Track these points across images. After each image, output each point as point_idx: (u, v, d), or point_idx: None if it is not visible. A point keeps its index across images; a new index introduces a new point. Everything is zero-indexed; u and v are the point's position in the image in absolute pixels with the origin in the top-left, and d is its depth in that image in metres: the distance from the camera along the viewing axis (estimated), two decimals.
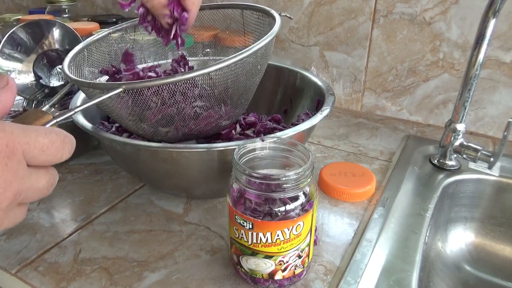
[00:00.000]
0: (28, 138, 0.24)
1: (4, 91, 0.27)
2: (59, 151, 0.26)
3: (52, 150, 0.26)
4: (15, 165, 0.23)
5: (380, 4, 0.73)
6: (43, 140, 0.25)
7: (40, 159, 0.25)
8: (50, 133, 0.26)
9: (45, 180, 0.26)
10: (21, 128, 0.24)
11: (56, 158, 0.26)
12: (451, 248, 0.60)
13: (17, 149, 0.23)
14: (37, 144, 0.25)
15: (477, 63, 0.53)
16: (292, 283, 0.40)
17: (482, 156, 0.56)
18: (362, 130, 0.75)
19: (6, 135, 0.23)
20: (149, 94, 0.44)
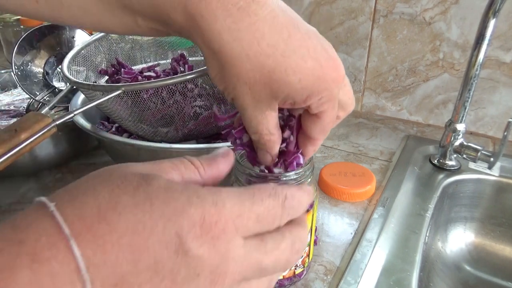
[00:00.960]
0: (241, 209, 0.20)
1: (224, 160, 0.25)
2: (276, 218, 0.22)
3: (269, 219, 0.22)
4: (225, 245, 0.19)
5: (380, 4, 0.73)
6: (258, 209, 0.21)
7: (256, 229, 0.21)
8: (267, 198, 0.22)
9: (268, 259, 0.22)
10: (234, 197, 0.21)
11: (272, 226, 0.22)
12: (451, 248, 0.60)
13: (228, 226, 0.20)
14: (251, 215, 0.21)
15: (477, 63, 0.53)
16: (293, 283, 0.40)
17: (482, 156, 0.56)
18: (362, 130, 0.75)
19: (217, 211, 0.20)
20: (149, 95, 0.44)
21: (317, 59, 0.24)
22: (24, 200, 0.55)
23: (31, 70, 0.66)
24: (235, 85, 0.24)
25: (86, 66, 0.56)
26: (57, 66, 0.69)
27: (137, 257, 0.17)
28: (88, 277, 0.16)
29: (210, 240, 0.19)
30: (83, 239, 0.17)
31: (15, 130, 0.30)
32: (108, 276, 0.17)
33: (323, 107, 0.26)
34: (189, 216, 0.19)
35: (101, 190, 0.19)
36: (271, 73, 0.23)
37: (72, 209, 0.18)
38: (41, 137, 0.31)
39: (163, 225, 0.18)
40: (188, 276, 0.19)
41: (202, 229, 0.19)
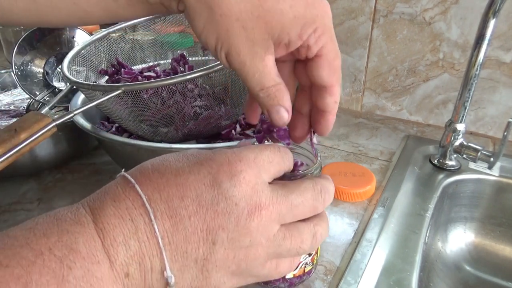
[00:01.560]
0: (254, 153, 0.25)
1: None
2: (281, 160, 0.26)
3: (278, 160, 0.26)
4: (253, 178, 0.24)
5: (380, 4, 0.73)
6: (267, 152, 0.26)
7: (271, 170, 0.26)
8: (267, 147, 0.26)
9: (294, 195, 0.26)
10: (246, 148, 0.25)
11: (282, 167, 0.27)
12: (451, 248, 0.60)
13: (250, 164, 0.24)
14: (264, 156, 0.25)
15: (477, 63, 0.53)
16: (302, 281, 0.40)
17: (482, 156, 0.56)
18: (362, 130, 0.75)
19: (237, 154, 0.25)
20: (149, 95, 0.44)
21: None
22: (24, 200, 0.55)
23: (31, 70, 0.66)
24: (227, 26, 0.23)
25: (86, 66, 0.56)
26: (57, 66, 0.69)
27: (182, 193, 0.23)
28: (150, 209, 0.22)
29: (238, 173, 0.23)
30: (144, 184, 0.23)
31: (15, 130, 0.30)
32: (165, 209, 0.22)
33: (321, 41, 0.25)
34: (216, 160, 0.24)
35: (154, 159, 0.25)
36: (261, 2, 0.23)
37: (135, 170, 0.25)
38: (41, 137, 0.31)
39: (197, 168, 0.23)
40: (227, 206, 0.23)
41: (229, 166, 0.23)
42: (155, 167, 0.24)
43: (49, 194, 0.56)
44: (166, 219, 0.22)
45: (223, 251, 0.23)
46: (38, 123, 0.31)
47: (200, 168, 0.23)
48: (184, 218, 0.22)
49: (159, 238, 0.22)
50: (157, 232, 0.22)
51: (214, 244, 0.23)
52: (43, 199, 0.55)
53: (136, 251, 0.21)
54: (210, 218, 0.22)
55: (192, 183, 0.23)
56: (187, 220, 0.22)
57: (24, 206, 0.53)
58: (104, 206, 0.22)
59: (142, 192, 0.22)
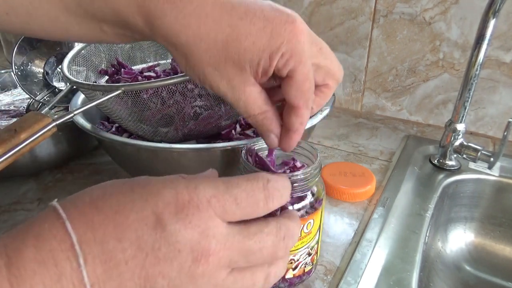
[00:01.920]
0: (214, 190, 0.22)
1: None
2: (260, 200, 0.23)
3: (250, 201, 0.23)
4: (203, 223, 0.21)
5: (380, 4, 0.73)
6: (234, 191, 0.23)
7: (237, 213, 0.23)
8: (243, 182, 0.23)
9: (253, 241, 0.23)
10: (207, 181, 0.23)
11: (258, 209, 0.24)
12: (451, 248, 0.60)
13: (203, 204, 0.22)
14: (227, 197, 0.22)
15: (477, 63, 0.53)
16: (302, 281, 0.40)
17: (482, 156, 0.56)
18: (362, 130, 0.75)
19: (189, 192, 0.22)
20: (149, 95, 0.44)
21: (266, 18, 0.24)
22: (24, 200, 0.55)
23: (31, 70, 0.66)
24: (203, 71, 0.25)
25: (86, 66, 0.56)
26: (57, 66, 0.68)
27: (120, 234, 0.20)
28: (81, 252, 0.19)
29: (185, 216, 0.21)
30: (76, 220, 0.20)
31: (14, 130, 0.30)
32: (98, 253, 0.19)
33: (289, 64, 0.25)
34: (163, 197, 0.21)
35: (96, 189, 0.22)
36: (225, 46, 0.24)
37: (70, 202, 0.21)
38: (41, 137, 0.31)
39: (141, 205, 0.21)
40: (169, 252, 0.20)
41: (176, 206, 0.21)
42: (93, 200, 0.21)
43: (49, 194, 0.56)
44: (98, 264, 0.19)
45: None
46: (38, 123, 0.31)
47: (144, 205, 0.21)
48: (120, 263, 0.19)
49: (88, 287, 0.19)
50: (85, 279, 0.19)
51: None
52: (43, 199, 0.55)
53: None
54: (150, 264, 0.20)
55: (133, 222, 0.20)
56: (123, 265, 0.20)
57: (24, 206, 0.53)
58: (23, 246, 0.19)
59: (72, 231, 0.19)
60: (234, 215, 0.23)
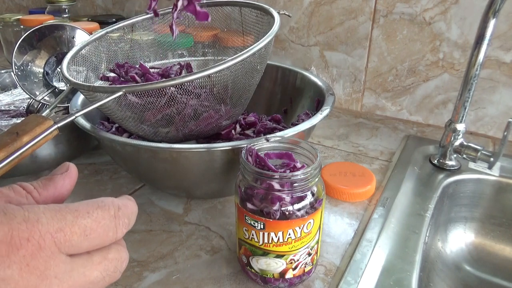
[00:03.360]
0: (61, 223, 0.19)
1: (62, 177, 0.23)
2: (110, 229, 0.21)
3: (100, 231, 0.20)
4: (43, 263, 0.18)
5: (380, 4, 0.73)
6: (84, 222, 0.20)
7: (84, 246, 0.20)
8: (94, 210, 0.20)
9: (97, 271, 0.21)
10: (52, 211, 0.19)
11: (107, 239, 0.21)
12: (451, 248, 0.60)
13: (46, 242, 0.18)
14: (76, 229, 0.19)
15: (477, 63, 0.53)
16: (302, 281, 0.40)
17: (482, 156, 0.56)
18: (362, 130, 0.75)
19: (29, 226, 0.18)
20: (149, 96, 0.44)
21: None
22: None
23: (31, 70, 0.66)
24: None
25: (86, 66, 0.56)
26: (57, 66, 0.68)
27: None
28: None
29: (21, 259, 0.18)
30: None
31: (16, 133, 0.30)
32: None
33: None
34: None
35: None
36: None
37: None
38: (43, 139, 0.31)
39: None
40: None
41: (9, 246, 0.17)
42: None
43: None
44: None
45: None
46: (40, 126, 0.31)
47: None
48: None
49: None
50: None
51: None
52: None
53: None
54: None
55: None
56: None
57: None
58: None
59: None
60: (80, 248, 0.20)
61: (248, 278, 0.41)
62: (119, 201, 0.22)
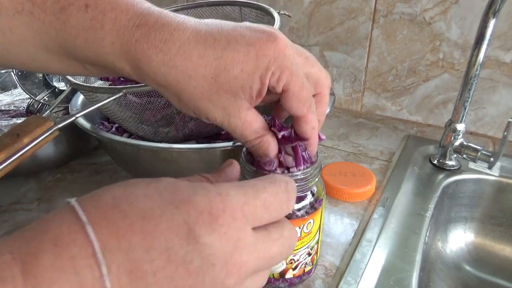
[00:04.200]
0: (246, 197, 0.21)
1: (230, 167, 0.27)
2: (283, 202, 0.23)
3: (276, 205, 0.22)
4: (236, 233, 0.20)
5: (380, 4, 0.73)
6: (264, 196, 0.22)
7: (265, 218, 0.22)
8: (269, 185, 0.22)
9: (276, 247, 0.22)
10: (236, 187, 0.21)
11: (282, 212, 0.23)
12: (451, 248, 0.60)
13: (237, 213, 0.20)
14: (258, 202, 0.21)
15: (477, 63, 0.53)
16: (302, 281, 0.40)
17: (482, 156, 0.56)
18: (362, 130, 0.75)
19: (223, 199, 0.20)
20: (150, 96, 0.44)
21: (248, 42, 0.25)
22: (24, 200, 0.55)
23: None
24: (197, 105, 0.26)
25: None
26: None
27: (149, 243, 0.18)
28: (103, 260, 0.17)
29: (220, 227, 0.19)
30: (98, 225, 0.18)
31: (17, 134, 0.30)
32: (123, 262, 0.18)
33: (282, 80, 0.26)
34: (195, 205, 0.19)
35: (116, 188, 0.20)
36: (215, 78, 0.25)
37: (90, 202, 0.19)
38: (44, 140, 0.31)
39: (171, 213, 0.19)
40: (202, 265, 0.19)
41: (210, 216, 0.19)
42: (117, 202, 0.19)
43: (49, 194, 0.56)
44: (123, 273, 0.17)
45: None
46: (40, 127, 0.31)
47: (175, 213, 0.19)
48: (147, 274, 0.18)
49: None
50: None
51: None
52: (43, 199, 0.55)
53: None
54: (179, 277, 0.18)
55: (162, 232, 0.19)
56: (151, 277, 0.18)
57: (24, 206, 0.53)
58: (40, 252, 0.17)
59: (94, 237, 0.17)
60: (262, 220, 0.22)
61: None
62: (284, 177, 0.24)
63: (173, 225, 0.19)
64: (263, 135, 0.28)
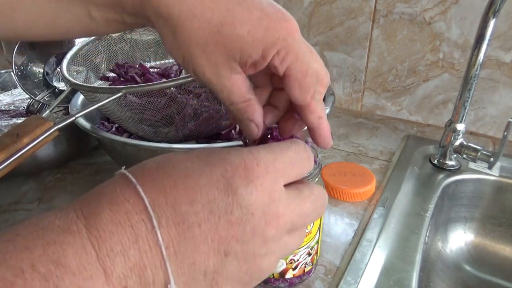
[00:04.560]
0: (274, 154, 0.22)
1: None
2: (305, 160, 0.24)
3: (300, 161, 0.24)
4: (270, 186, 0.21)
5: (380, 4, 0.73)
6: (288, 153, 0.23)
7: (293, 174, 0.23)
8: (291, 145, 0.24)
9: (308, 203, 0.24)
10: (263, 147, 0.23)
11: (305, 169, 0.24)
12: (451, 248, 0.60)
13: (269, 168, 0.22)
14: (285, 159, 0.23)
15: (477, 63, 0.53)
16: (302, 281, 0.40)
17: (482, 156, 0.56)
18: (362, 130, 0.75)
19: (255, 156, 0.22)
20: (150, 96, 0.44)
21: (263, 10, 0.24)
22: (24, 200, 0.55)
23: (31, 70, 0.66)
24: (189, 49, 0.25)
25: (86, 66, 0.56)
26: (57, 66, 0.68)
27: (192, 197, 0.20)
28: (153, 214, 0.19)
29: (255, 179, 0.21)
30: (147, 185, 0.20)
31: (17, 134, 0.30)
32: (171, 215, 0.20)
33: (286, 61, 0.25)
34: (231, 161, 0.21)
35: (158, 157, 0.23)
36: (219, 28, 0.24)
37: (137, 168, 0.22)
38: (43, 141, 0.31)
39: (209, 170, 0.21)
40: (242, 215, 0.21)
41: (245, 170, 0.21)
42: (160, 166, 0.21)
43: (49, 194, 0.56)
44: (172, 226, 0.20)
45: (236, 263, 0.21)
46: (40, 128, 0.31)
47: (213, 170, 0.21)
48: (193, 225, 0.20)
49: (163, 248, 0.19)
50: (160, 241, 0.19)
51: (227, 255, 0.21)
52: (43, 199, 0.55)
53: (136, 262, 0.19)
54: (223, 228, 0.20)
55: (203, 186, 0.20)
56: (197, 228, 0.20)
57: (24, 206, 0.53)
58: (99, 209, 0.19)
59: (144, 195, 0.20)
60: (290, 177, 0.23)
61: None
62: (298, 140, 0.26)
63: (212, 180, 0.21)
64: (249, 99, 0.27)
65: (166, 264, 0.19)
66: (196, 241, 0.20)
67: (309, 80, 0.26)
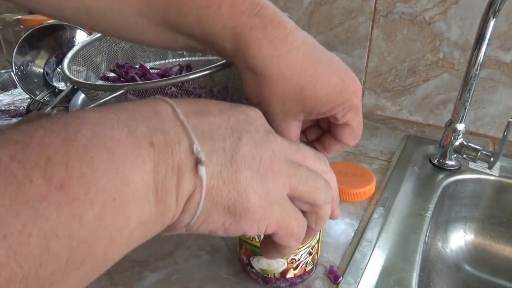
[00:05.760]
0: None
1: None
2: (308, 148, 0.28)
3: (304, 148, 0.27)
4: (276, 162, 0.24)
5: (380, 4, 0.73)
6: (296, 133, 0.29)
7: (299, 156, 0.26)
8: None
9: (322, 180, 0.26)
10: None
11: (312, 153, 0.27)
12: (451, 248, 0.60)
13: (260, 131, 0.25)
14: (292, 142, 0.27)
15: (477, 63, 0.53)
16: (303, 280, 0.40)
17: (482, 156, 0.56)
18: (362, 130, 0.75)
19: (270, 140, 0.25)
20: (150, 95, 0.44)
21: (339, 76, 0.28)
22: None
23: (31, 70, 0.66)
24: (271, 101, 0.28)
25: (86, 66, 0.56)
26: (57, 66, 0.69)
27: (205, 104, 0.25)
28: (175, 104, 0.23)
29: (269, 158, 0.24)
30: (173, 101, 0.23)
31: None
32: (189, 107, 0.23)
33: (347, 116, 0.30)
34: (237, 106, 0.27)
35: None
36: (302, 91, 0.27)
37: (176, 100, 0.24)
38: None
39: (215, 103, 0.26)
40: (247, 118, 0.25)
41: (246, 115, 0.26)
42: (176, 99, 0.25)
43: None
44: (190, 112, 0.23)
45: (249, 149, 0.23)
46: None
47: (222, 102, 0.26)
48: (209, 115, 0.23)
49: (185, 122, 0.22)
50: (181, 117, 0.22)
51: (240, 139, 0.23)
52: None
53: (159, 126, 0.21)
54: (233, 122, 0.24)
55: (213, 102, 0.25)
56: (212, 118, 0.23)
57: None
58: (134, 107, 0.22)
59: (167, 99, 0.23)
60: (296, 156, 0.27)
61: (248, 278, 0.41)
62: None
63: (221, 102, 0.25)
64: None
65: (189, 131, 0.22)
66: (212, 126, 0.23)
67: (360, 129, 0.31)
